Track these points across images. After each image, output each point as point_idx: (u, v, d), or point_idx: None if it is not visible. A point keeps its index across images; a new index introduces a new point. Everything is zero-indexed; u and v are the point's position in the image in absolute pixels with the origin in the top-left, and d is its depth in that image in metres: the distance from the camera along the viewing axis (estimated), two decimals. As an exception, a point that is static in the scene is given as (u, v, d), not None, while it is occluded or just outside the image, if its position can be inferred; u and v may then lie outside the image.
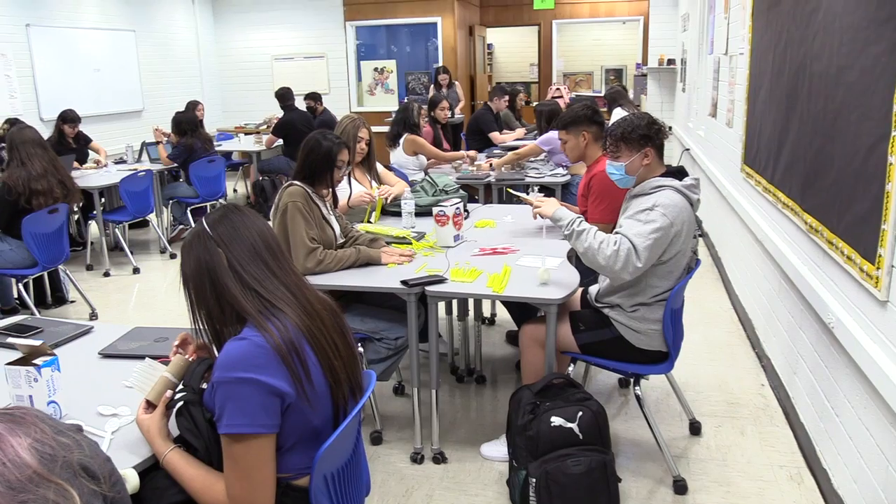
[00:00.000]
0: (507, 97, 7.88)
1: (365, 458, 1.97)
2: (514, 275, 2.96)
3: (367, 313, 3.12)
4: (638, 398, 2.92)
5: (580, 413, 2.56)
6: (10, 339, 2.06)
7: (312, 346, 1.62)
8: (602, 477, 2.50)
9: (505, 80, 13.98)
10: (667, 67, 9.56)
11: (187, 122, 6.93)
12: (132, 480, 1.58)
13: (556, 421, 2.54)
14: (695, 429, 3.26)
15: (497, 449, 3.09)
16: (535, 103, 13.18)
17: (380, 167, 4.22)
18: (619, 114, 6.12)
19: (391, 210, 3.98)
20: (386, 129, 6.39)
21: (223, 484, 1.56)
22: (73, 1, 8.97)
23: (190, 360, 1.83)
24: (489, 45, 14.11)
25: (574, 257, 3.11)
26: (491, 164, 5.62)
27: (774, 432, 3.25)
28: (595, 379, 3.82)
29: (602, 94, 7.94)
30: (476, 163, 5.79)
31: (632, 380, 3.03)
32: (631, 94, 9.43)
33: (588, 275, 3.01)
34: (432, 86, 9.33)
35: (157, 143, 7.25)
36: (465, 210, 3.90)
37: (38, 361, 1.85)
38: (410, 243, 3.41)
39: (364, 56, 11.45)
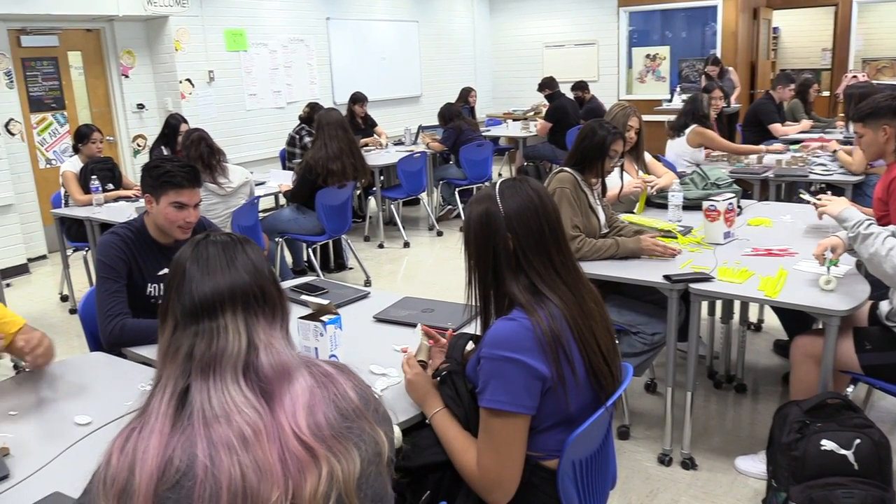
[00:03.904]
0: (792, 86, 7.21)
1: (613, 451, 1.95)
2: (791, 279, 2.72)
3: (624, 305, 3.06)
4: (933, 433, 2.55)
5: (857, 440, 2.29)
6: (304, 297, 2.33)
7: (578, 342, 1.62)
8: (880, 516, 2.22)
9: (790, 66, 12.79)
10: None
11: (448, 112, 7.40)
12: (397, 435, 1.71)
13: (828, 445, 2.30)
14: None
15: (754, 465, 2.88)
16: (825, 92, 11.96)
17: (648, 156, 4.10)
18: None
19: (657, 202, 3.86)
20: (656, 117, 6.18)
21: (475, 451, 1.63)
22: (367, -5, 9.86)
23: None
24: (774, 29, 13.00)
25: (864, 266, 2.78)
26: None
27: None
28: (877, 405, 3.39)
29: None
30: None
31: (926, 411, 2.65)
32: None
33: (880, 287, 2.67)
34: (703, 77, 8.81)
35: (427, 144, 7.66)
36: (739, 206, 3.65)
37: (324, 318, 2.07)
38: (676, 237, 3.28)
39: (636, 42, 11.15)
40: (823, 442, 2.31)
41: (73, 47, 7.25)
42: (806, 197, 3.13)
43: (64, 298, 5.58)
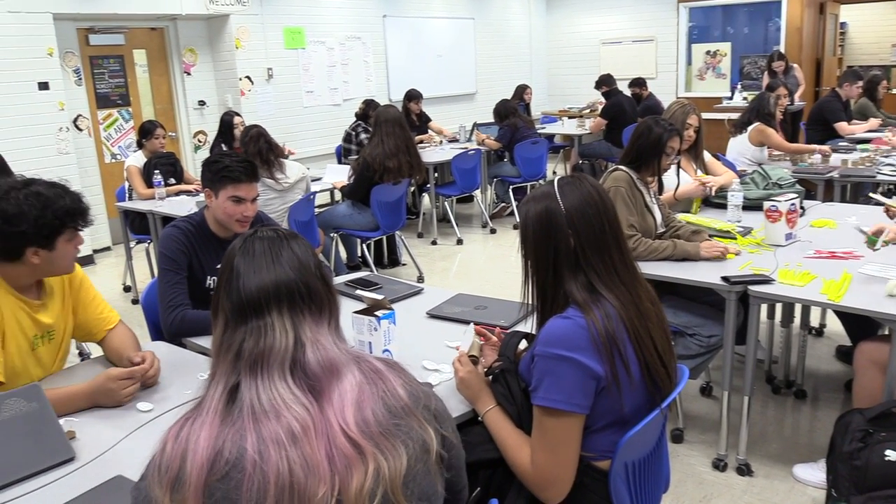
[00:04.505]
0: (859, 83, 6.96)
1: (667, 454, 1.92)
2: (855, 283, 2.63)
3: (680, 306, 3.00)
4: None
5: (925, 451, 2.21)
6: (359, 292, 2.35)
7: (633, 342, 1.60)
8: (947, 530, 2.14)
9: (858, 63, 12.37)
10: None
11: (504, 109, 7.36)
12: (450, 432, 1.72)
13: (893, 455, 2.23)
14: None
15: (813, 473, 2.80)
16: (895, 90, 11.51)
17: (707, 155, 4.02)
18: None
19: (716, 202, 3.77)
20: (716, 115, 6.05)
21: (529, 449, 1.63)
22: (423, -8, 9.90)
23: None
24: (842, 24, 12.58)
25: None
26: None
27: None
28: (947, 415, 3.26)
29: None
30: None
31: None
32: None
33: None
34: (765, 73, 8.59)
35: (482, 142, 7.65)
36: (801, 207, 3.55)
37: (378, 313, 2.09)
38: (735, 238, 3.21)
39: (696, 39, 10.92)
40: (888, 452, 2.23)
41: (138, 45, 7.47)
42: (877, 197, 3.03)
43: (127, 289, 5.76)
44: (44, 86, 6.37)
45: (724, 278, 2.72)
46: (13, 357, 2.02)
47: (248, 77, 7.92)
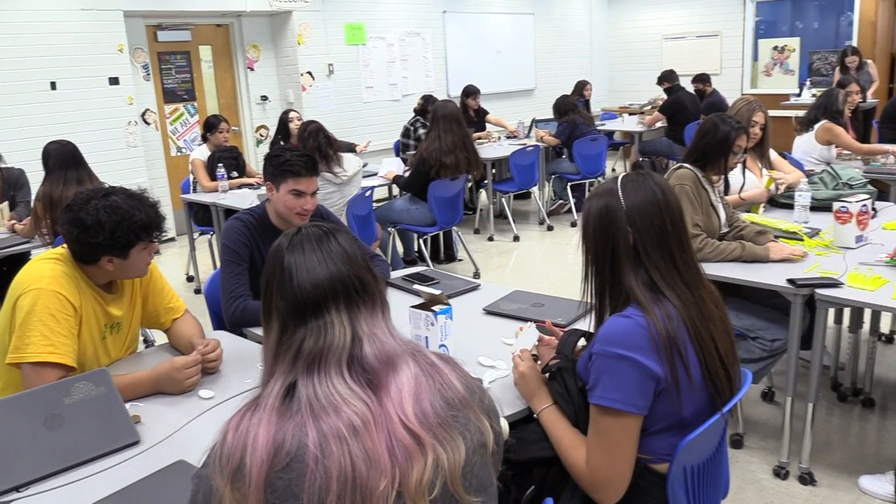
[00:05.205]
0: (938, 80, 6.66)
1: (727, 460, 1.87)
2: (931, 289, 2.53)
3: (743, 308, 2.93)
4: None
5: None
6: (416, 286, 2.36)
7: (695, 344, 1.57)
8: None
9: (937, 59, 11.84)
10: None
11: (563, 105, 7.29)
12: (503, 428, 1.71)
13: (969, 469, 2.13)
14: None
15: (880, 485, 2.70)
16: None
17: (773, 154, 3.90)
18: None
19: (783, 202, 3.66)
20: (782, 113, 5.87)
21: (584, 449, 1.61)
22: (484, -12, 9.87)
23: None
24: (920, 19, 12.06)
25: None
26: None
27: None
28: None
29: None
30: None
31: None
32: None
33: None
34: (837, 69, 8.29)
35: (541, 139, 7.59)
36: (873, 208, 3.42)
37: (435, 308, 2.09)
38: (802, 239, 3.11)
39: (763, 34, 10.62)
40: (963, 466, 2.14)
41: (203, 42, 7.65)
42: None
43: (190, 279, 5.91)
44: (114, 81, 6.60)
45: (791, 281, 2.64)
46: (86, 345, 2.10)
47: (309, 72, 8.03)
